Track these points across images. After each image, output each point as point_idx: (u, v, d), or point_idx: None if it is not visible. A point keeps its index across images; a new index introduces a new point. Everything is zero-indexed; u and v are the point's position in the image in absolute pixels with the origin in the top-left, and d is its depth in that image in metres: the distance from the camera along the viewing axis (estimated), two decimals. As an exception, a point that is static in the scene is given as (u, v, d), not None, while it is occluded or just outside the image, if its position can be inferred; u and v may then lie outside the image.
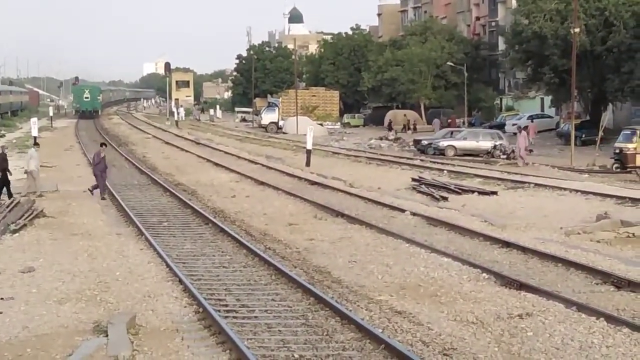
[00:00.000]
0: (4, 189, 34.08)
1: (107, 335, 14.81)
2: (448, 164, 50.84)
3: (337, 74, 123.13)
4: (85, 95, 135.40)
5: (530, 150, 60.46)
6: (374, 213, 30.26)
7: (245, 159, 54.23)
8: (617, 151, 50.87)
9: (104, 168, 35.07)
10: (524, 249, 22.40)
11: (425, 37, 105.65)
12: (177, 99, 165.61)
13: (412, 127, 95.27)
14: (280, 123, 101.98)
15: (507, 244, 23.13)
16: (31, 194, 34.66)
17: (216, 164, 50.95)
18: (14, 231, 26.01)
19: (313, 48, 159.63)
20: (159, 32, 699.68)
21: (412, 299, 17.60)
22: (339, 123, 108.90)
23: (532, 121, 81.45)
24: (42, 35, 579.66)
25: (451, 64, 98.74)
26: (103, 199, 34.22)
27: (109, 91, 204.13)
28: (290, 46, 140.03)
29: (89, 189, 35.32)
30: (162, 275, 19.94)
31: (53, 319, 16.28)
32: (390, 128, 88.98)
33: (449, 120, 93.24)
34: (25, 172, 35.94)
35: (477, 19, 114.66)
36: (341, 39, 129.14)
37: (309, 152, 50.65)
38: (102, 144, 38.17)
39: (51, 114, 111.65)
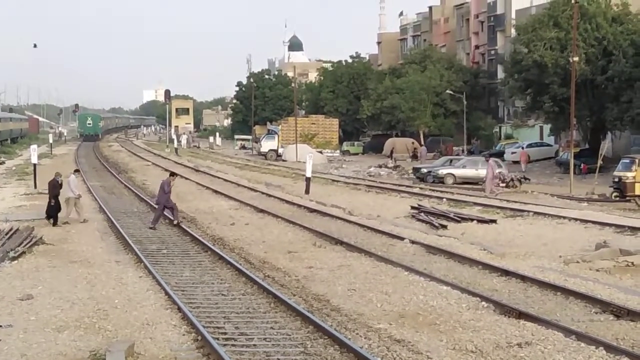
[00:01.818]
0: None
1: (105, 364, 14.79)
2: (447, 192, 50.81)
3: (337, 102, 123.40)
4: (88, 122, 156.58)
5: (525, 178, 60.44)
6: (373, 241, 30.23)
7: (245, 187, 54.23)
8: (616, 180, 50.93)
9: (168, 198, 35.01)
10: (523, 278, 22.37)
11: (425, 65, 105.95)
12: (176, 126, 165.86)
13: (415, 154, 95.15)
14: (280, 150, 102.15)
15: (506, 273, 23.11)
16: (72, 219, 35.28)
17: (215, 192, 50.94)
18: (13, 258, 25.99)
19: (313, 76, 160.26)
20: (159, 59, 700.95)
21: (411, 327, 17.57)
22: (338, 151, 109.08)
23: (523, 149, 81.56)
24: (42, 63, 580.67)
25: (450, 92, 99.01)
26: (152, 228, 34.03)
27: (110, 118, 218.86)
28: (290, 74, 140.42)
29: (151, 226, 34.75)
30: (161, 303, 19.91)
31: (51, 346, 16.25)
32: (391, 156, 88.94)
33: (446, 148, 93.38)
34: (66, 199, 35.89)
35: (476, 47, 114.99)
36: (341, 67, 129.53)
37: (308, 179, 50.64)
38: (172, 174, 38.04)
39: (51, 141, 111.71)
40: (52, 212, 35.11)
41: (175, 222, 34.61)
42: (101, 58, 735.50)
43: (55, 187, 35.41)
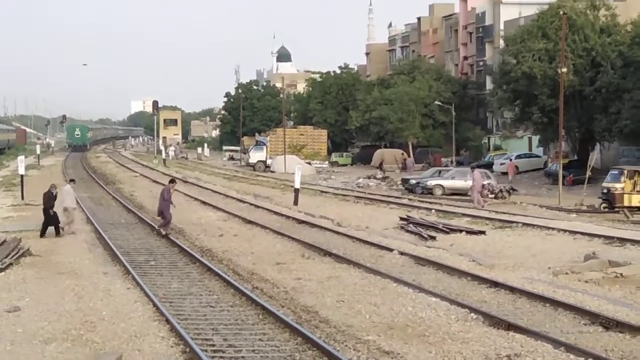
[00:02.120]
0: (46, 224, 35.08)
1: (92, 376, 14.71)
2: (436, 203, 50.78)
3: (325, 113, 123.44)
4: (76, 133, 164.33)
5: (513, 189, 60.49)
6: (361, 252, 30.19)
7: (233, 198, 54.15)
8: (605, 191, 51.01)
9: (168, 206, 35.12)
10: (512, 289, 22.35)
11: (413, 76, 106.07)
12: (165, 137, 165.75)
13: (404, 165, 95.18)
14: (269, 162, 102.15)
15: (495, 284, 23.08)
16: (67, 228, 35.32)
17: (204, 203, 50.86)
18: (0, 270, 25.86)
19: (301, 87, 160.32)
20: (147, 70, 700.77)
21: (400, 339, 17.52)
22: (327, 162, 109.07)
23: (510, 160, 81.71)
24: (29, 74, 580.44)
25: (439, 103, 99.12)
26: (167, 234, 34.35)
27: (98, 129, 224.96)
28: (279, 85, 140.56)
29: (158, 229, 35.40)
30: (148, 315, 19.82)
31: (39, 359, 16.18)
32: (381, 167, 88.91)
33: (435, 159, 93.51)
34: (65, 209, 35.80)
35: (465, 58, 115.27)
36: (329, 78, 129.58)
37: (296, 190, 50.63)
38: (172, 181, 38.38)
39: (38, 152, 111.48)
40: (53, 222, 35.06)
41: (163, 232, 34.58)
42: (89, 69, 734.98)
43: (50, 198, 35.38)
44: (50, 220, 35.05)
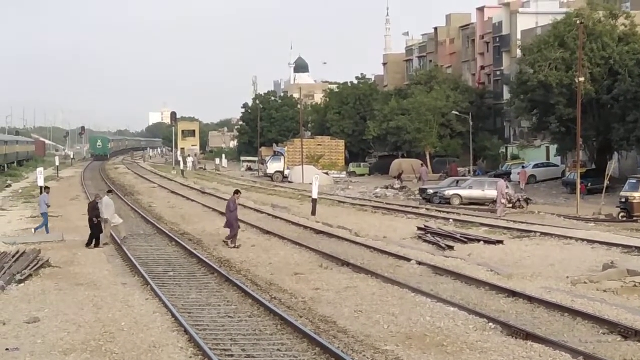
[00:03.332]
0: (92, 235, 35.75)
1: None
2: (454, 213, 50.75)
3: (343, 123, 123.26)
4: (98, 144, 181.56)
5: (528, 199, 60.26)
6: (379, 262, 30.21)
7: (251, 208, 54.18)
8: (623, 200, 50.81)
9: (236, 216, 35.56)
10: (530, 299, 22.33)
11: (431, 86, 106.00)
12: (183, 148, 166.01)
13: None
14: (286, 172, 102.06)
15: (513, 294, 23.07)
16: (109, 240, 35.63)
17: (222, 214, 50.75)
18: (20, 281, 26.00)
19: (318, 97, 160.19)
20: (165, 81, 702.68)
21: (418, 349, 17.53)
22: (344, 172, 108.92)
23: (523, 168, 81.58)
24: (48, 86, 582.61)
25: (456, 112, 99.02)
26: (236, 247, 34.73)
27: (120, 140, 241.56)
28: (296, 95, 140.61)
29: (224, 241, 35.66)
30: (167, 326, 19.89)
31: (58, 369, 16.25)
32: (399, 177, 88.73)
33: (451, 169, 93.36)
34: (105, 220, 36.03)
35: (482, 68, 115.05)
36: (347, 88, 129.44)
37: (314, 201, 50.65)
38: (236, 192, 38.69)
39: (57, 163, 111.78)
40: (97, 232, 35.55)
41: (231, 245, 34.88)
42: (107, 81, 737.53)
43: (95, 208, 35.89)
44: (95, 229, 35.53)
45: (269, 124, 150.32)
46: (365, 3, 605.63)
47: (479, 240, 35.96)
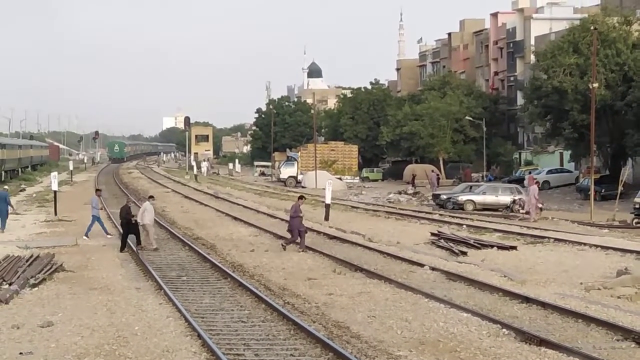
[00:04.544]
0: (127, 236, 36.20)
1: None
2: (467, 219, 50.66)
3: (356, 128, 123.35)
4: (115, 148, 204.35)
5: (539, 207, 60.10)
6: (393, 268, 30.19)
7: (265, 213, 54.24)
8: (637, 206, 50.70)
9: (300, 222, 35.68)
10: (543, 305, 22.29)
11: (444, 91, 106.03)
12: (196, 153, 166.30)
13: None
14: (299, 177, 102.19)
15: (526, 299, 23.02)
16: (147, 245, 35.45)
17: (235, 218, 50.97)
18: (34, 285, 26.07)
19: (332, 102, 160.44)
20: (178, 86, 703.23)
21: (431, 354, 17.52)
22: (357, 177, 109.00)
23: (530, 173, 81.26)
24: (62, 90, 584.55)
25: (470, 118, 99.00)
26: (304, 251, 34.83)
27: (136, 145, 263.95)
28: (310, 100, 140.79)
29: (282, 245, 35.85)
30: (181, 330, 19.92)
31: (72, 373, 16.28)
32: (413, 182, 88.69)
33: (465, 174, 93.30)
34: (142, 225, 36.06)
35: (496, 73, 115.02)
36: (360, 94, 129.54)
37: (327, 206, 50.66)
38: (301, 197, 38.70)
39: (71, 167, 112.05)
40: (134, 232, 35.88)
41: (299, 250, 34.97)
42: (121, 85, 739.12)
43: (128, 213, 36.25)
44: (131, 229, 35.82)
45: (282, 129, 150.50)
46: (379, 9, 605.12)
47: (492, 246, 35.86)
